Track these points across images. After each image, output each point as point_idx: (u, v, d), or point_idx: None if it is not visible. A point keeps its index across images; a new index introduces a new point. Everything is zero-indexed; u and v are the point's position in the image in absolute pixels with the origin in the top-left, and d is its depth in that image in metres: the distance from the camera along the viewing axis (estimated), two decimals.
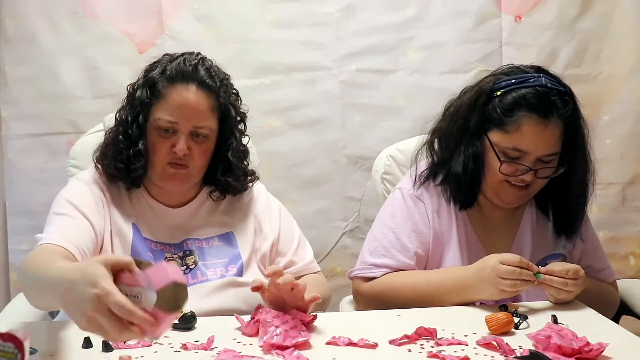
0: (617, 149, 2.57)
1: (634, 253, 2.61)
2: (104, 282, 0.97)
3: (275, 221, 1.70)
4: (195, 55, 1.62)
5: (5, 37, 2.48)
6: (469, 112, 1.62)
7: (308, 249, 1.73)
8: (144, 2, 2.48)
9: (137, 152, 1.56)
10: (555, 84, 1.59)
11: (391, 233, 1.67)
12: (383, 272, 1.65)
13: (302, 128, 2.54)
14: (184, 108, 1.54)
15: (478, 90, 1.63)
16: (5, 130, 2.51)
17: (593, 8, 2.54)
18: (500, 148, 1.58)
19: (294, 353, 1.23)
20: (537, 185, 1.61)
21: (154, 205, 1.64)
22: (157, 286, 0.97)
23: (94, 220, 1.53)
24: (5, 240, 2.54)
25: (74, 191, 1.59)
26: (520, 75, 1.60)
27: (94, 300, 0.96)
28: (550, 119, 1.54)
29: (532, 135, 1.54)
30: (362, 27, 2.52)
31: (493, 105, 1.59)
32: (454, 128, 1.65)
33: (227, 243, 1.64)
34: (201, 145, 1.57)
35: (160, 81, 1.56)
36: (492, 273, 1.46)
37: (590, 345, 1.21)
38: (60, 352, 1.27)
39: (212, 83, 1.57)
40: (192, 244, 1.62)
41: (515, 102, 1.56)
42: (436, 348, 1.27)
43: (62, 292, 1.04)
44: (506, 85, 1.59)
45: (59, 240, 1.41)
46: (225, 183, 1.64)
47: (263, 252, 1.65)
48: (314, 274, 1.72)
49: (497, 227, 1.69)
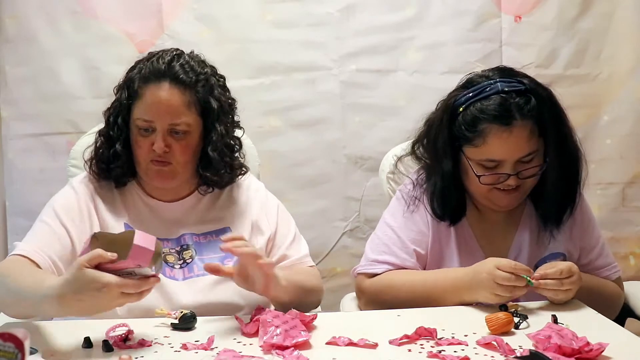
0: (617, 149, 2.57)
1: (634, 253, 2.61)
2: (102, 279, 1.18)
3: (273, 217, 1.70)
4: (172, 51, 1.62)
5: (5, 37, 2.48)
6: (438, 131, 1.64)
7: (303, 245, 1.73)
8: (144, 2, 2.48)
9: (115, 153, 1.60)
10: (514, 84, 1.57)
11: (392, 231, 1.69)
12: (385, 268, 1.65)
13: (302, 128, 2.54)
14: (158, 106, 1.55)
15: (443, 108, 1.64)
16: (5, 130, 2.51)
17: (593, 8, 2.54)
18: (475, 161, 1.58)
19: (294, 353, 1.23)
20: (528, 184, 1.61)
21: (148, 201, 1.65)
22: (146, 263, 1.21)
23: (73, 231, 1.56)
24: (5, 240, 2.54)
25: (61, 200, 1.62)
26: (476, 87, 1.60)
27: (106, 294, 1.19)
28: (514, 124, 1.53)
29: (500, 144, 1.54)
30: (362, 27, 2.52)
31: (458, 122, 1.60)
32: (427, 147, 1.69)
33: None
34: (181, 141, 1.57)
35: (136, 81, 1.58)
36: (488, 278, 1.46)
37: (590, 345, 1.21)
38: (60, 352, 1.27)
39: (187, 78, 1.57)
40: (189, 239, 1.63)
41: (475, 116, 1.56)
42: (436, 348, 1.27)
43: (67, 302, 1.22)
44: (465, 100, 1.60)
45: (30, 253, 1.47)
46: (205, 177, 1.64)
47: (259, 248, 1.66)
48: (307, 267, 1.70)
49: (496, 228, 1.69)
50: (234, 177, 1.69)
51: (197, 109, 1.58)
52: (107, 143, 1.62)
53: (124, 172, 1.62)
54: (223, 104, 1.64)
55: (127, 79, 1.62)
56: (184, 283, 1.56)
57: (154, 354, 1.26)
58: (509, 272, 1.45)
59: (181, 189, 1.66)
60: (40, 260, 1.47)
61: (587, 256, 1.70)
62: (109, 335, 1.30)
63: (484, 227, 1.69)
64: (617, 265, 1.75)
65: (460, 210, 1.67)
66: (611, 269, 1.73)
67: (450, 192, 1.64)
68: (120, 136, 1.60)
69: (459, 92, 1.63)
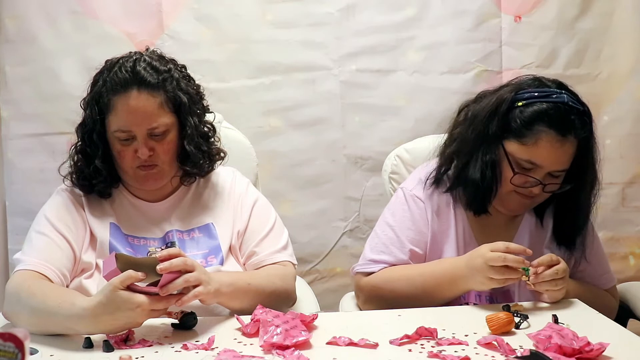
0: (617, 149, 2.56)
1: (634, 253, 2.61)
2: (135, 300, 1.28)
3: (246, 212, 1.69)
4: (130, 56, 1.61)
5: (5, 37, 2.47)
6: (489, 118, 1.62)
7: (276, 240, 1.68)
8: (144, 2, 2.48)
9: (95, 169, 1.60)
10: (576, 102, 1.59)
11: (391, 230, 1.69)
12: (381, 267, 1.66)
13: (302, 128, 2.54)
14: (133, 115, 1.54)
15: (499, 97, 1.62)
16: (5, 130, 2.51)
17: (593, 8, 2.54)
18: (514, 158, 1.59)
19: (294, 353, 1.23)
20: (542, 197, 1.63)
21: (135, 202, 1.66)
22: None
23: (71, 237, 1.57)
24: (5, 240, 2.54)
25: (53, 208, 1.62)
26: (543, 89, 1.60)
27: (139, 313, 1.28)
28: (568, 137, 1.55)
29: (549, 150, 1.55)
30: (362, 27, 2.52)
31: (513, 115, 1.59)
32: (471, 134, 1.65)
33: (207, 234, 1.65)
34: (162, 142, 1.58)
35: (104, 94, 1.57)
36: (481, 261, 1.48)
37: (590, 345, 1.21)
38: (61, 352, 1.27)
39: (153, 80, 1.56)
40: (173, 236, 1.63)
41: (536, 115, 1.56)
42: (437, 348, 1.27)
43: (102, 322, 1.29)
44: (529, 97, 1.59)
45: (40, 267, 1.49)
46: (186, 170, 1.64)
47: (233, 243, 1.66)
48: (275, 264, 1.65)
49: (496, 231, 1.69)
50: (213, 164, 1.70)
51: (170, 107, 1.58)
52: (86, 160, 1.62)
53: (107, 185, 1.63)
54: (192, 95, 1.64)
55: (94, 94, 1.60)
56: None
57: (155, 354, 1.26)
58: (501, 252, 1.47)
59: (165, 188, 1.67)
60: (51, 275, 1.49)
61: (582, 263, 1.70)
62: (109, 335, 1.30)
63: (484, 229, 1.69)
64: (613, 273, 1.76)
65: (488, 203, 1.65)
66: (607, 277, 1.74)
67: (490, 182, 1.61)
68: (97, 151, 1.60)
69: (519, 87, 1.62)
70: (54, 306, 1.34)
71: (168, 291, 1.30)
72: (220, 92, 2.43)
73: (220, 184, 1.73)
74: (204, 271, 1.39)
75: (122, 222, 1.63)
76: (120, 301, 1.27)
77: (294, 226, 2.30)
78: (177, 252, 1.36)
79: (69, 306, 1.33)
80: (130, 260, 1.35)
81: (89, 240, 1.60)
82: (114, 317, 1.28)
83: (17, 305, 1.41)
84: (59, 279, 1.51)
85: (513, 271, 1.47)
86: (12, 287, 1.44)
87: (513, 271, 1.47)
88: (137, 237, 1.63)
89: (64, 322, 1.33)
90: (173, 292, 1.31)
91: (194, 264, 1.36)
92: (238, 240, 1.66)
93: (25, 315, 1.39)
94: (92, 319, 1.29)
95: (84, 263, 1.58)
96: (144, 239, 1.63)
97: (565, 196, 1.64)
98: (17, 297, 1.41)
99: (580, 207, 1.65)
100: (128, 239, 1.61)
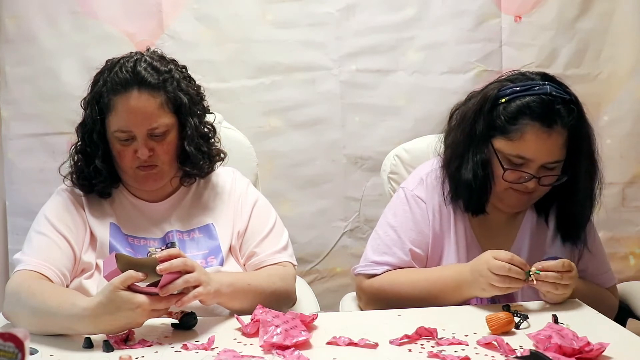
0: (617, 149, 2.56)
1: (634, 253, 2.61)
2: (136, 300, 1.28)
3: (246, 212, 1.69)
4: (131, 56, 1.61)
5: (5, 37, 2.47)
6: (475, 118, 1.62)
7: (276, 240, 1.68)
8: (144, 2, 2.48)
9: (95, 169, 1.60)
10: (561, 91, 1.58)
11: (393, 231, 1.69)
12: (384, 269, 1.66)
13: (302, 128, 2.54)
14: (133, 116, 1.54)
15: (483, 96, 1.63)
16: (5, 130, 2.51)
17: (593, 8, 2.54)
18: (503, 155, 1.58)
19: (294, 353, 1.23)
20: (540, 192, 1.62)
21: (135, 202, 1.66)
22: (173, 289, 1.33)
23: (71, 237, 1.58)
24: (5, 240, 2.54)
25: (53, 208, 1.62)
26: (525, 83, 1.60)
27: (139, 313, 1.28)
28: (554, 128, 1.54)
29: (536, 143, 1.55)
30: (362, 27, 2.52)
31: (497, 112, 1.59)
32: (461, 135, 1.65)
33: (207, 235, 1.65)
34: (162, 143, 1.58)
35: (105, 94, 1.57)
36: (485, 268, 1.48)
37: (590, 345, 1.21)
38: (61, 352, 1.27)
39: (154, 80, 1.56)
40: (173, 236, 1.63)
41: (519, 110, 1.56)
42: (437, 348, 1.27)
43: (102, 322, 1.29)
44: (511, 92, 1.59)
45: (40, 267, 1.49)
46: (186, 171, 1.65)
47: (233, 243, 1.66)
48: (275, 265, 1.64)
49: (497, 230, 1.69)
50: (213, 165, 1.70)
51: (170, 107, 1.58)
52: (86, 160, 1.62)
53: (107, 185, 1.63)
54: (192, 96, 1.64)
55: (94, 94, 1.60)
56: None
57: (155, 354, 1.26)
58: (505, 261, 1.46)
59: (166, 188, 1.67)
60: (51, 275, 1.49)
61: (584, 262, 1.70)
62: (109, 335, 1.31)
63: (485, 228, 1.69)
64: (613, 272, 1.75)
65: (484, 203, 1.65)
66: (607, 275, 1.73)
67: (483, 182, 1.61)
68: (97, 151, 1.60)
69: (502, 84, 1.62)
70: (54, 306, 1.35)
71: (168, 292, 1.30)
72: (220, 92, 2.43)
73: (220, 185, 1.73)
74: (204, 272, 1.39)
75: (122, 222, 1.63)
76: (121, 301, 1.27)
77: (294, 226, 2.31)
78: (177, 253, 1.36)
79: (69, 306, 1.33)
80: (130, 260, 1.35)
81: (89, 240, 1.60)
82: (114, 317, 1.28)
83: (17, 305, 1.41)
84: (59, 279, 1.51)
85: (515, 281, 1.47)
86: (12, 287, 1.45)
87: (515, 281, 1.47)
88: (137, 238, 1.63)
89: (64, 322, 1.33)
90: (173, 293, 1.31)
91: (194, 265, 1.36)
92: (238, 240, 1.66)
93: (26, 316, 1.39)
94: (92, 319, 1.29)
95: (84, 263, 1.58)
96: (144, 239, 1.63)
97: (565, 189, 1.62)
98: (17, 297, 1.41)
99: (581, 198, 1.63)
100: (128, 239, 1.61)
